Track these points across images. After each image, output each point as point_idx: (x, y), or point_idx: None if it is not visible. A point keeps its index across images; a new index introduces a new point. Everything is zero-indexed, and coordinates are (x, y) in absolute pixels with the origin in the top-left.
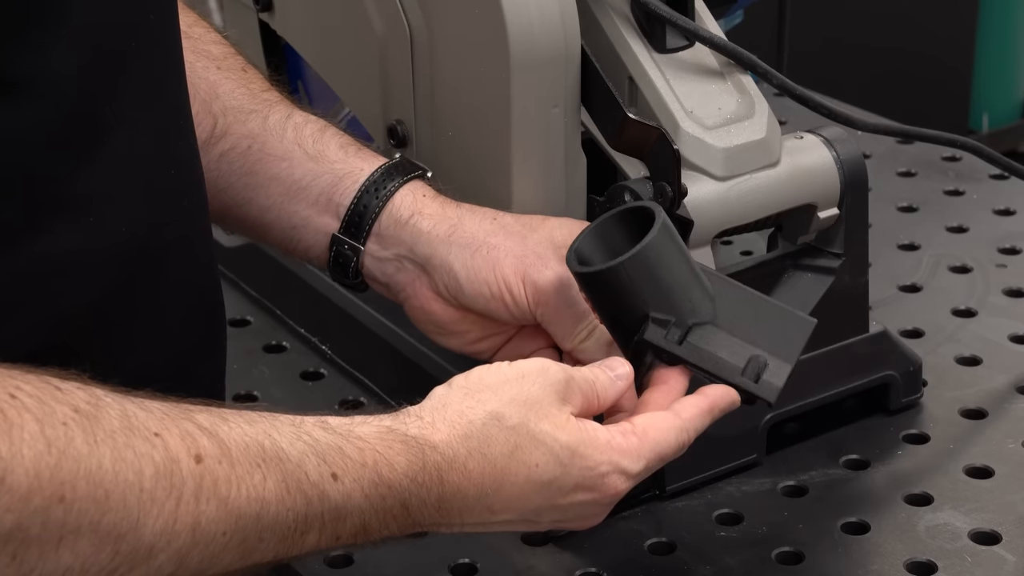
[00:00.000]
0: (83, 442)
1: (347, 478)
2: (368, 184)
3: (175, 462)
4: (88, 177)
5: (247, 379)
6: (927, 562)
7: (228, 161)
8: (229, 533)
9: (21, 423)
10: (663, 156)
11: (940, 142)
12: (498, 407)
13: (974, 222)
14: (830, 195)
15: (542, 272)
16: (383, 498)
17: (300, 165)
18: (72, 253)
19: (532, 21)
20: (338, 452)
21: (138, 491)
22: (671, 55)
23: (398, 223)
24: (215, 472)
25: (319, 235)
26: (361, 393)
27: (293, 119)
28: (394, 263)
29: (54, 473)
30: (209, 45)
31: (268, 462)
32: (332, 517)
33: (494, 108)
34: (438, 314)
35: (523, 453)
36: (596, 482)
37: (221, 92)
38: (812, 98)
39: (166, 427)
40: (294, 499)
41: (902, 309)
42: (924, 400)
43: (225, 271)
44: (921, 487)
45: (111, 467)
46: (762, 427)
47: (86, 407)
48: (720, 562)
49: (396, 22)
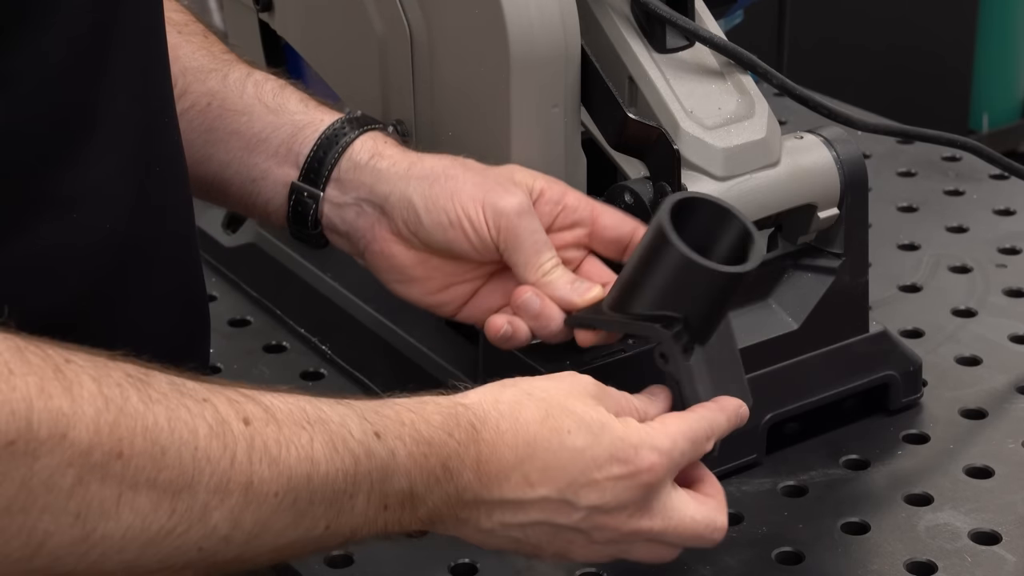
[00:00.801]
0: (139, 400)
1: (389, 435)
2: (328, 132)
3: (226, 423)
4: (72, 173)
5: (247, 379)
6: (927, 562)
7: (188, 120)
8: (281, 493)
9: (80, 382)
10: (663, 156)
11: (940, 142)
12: (529, 387)
13: (974, 222)
14: (830, 195)
15: (502, 196)
16: (425, 456)
17: (260, 118)
18: (55, 250)
19: (532, 21)
20: (376, 412)
21: (193, 448)
22: (671, 55)
23: (357, 166)
24: (264, 433)
25: (278, 186)
26: (361, 393)
27: (254, 76)
28: (354, 208)
29: (113, 429)
30: (171, 12)
31: (313, 424)
32: (380, 476)
33: (494, 108)
34: (398, 257)
35: (554, 420)
36: (629, 454)
37: (181, 54)
38: (812, 98)
39: (213, 393)
40: (342, 458)
41: (902, 309)
42: (924, 400)
43: (225, 271)
44: (921, 487)
45: (167, 424)
46: (762, 427)
47: (137, 372)
48: (720, 562)
49: (396, 22)
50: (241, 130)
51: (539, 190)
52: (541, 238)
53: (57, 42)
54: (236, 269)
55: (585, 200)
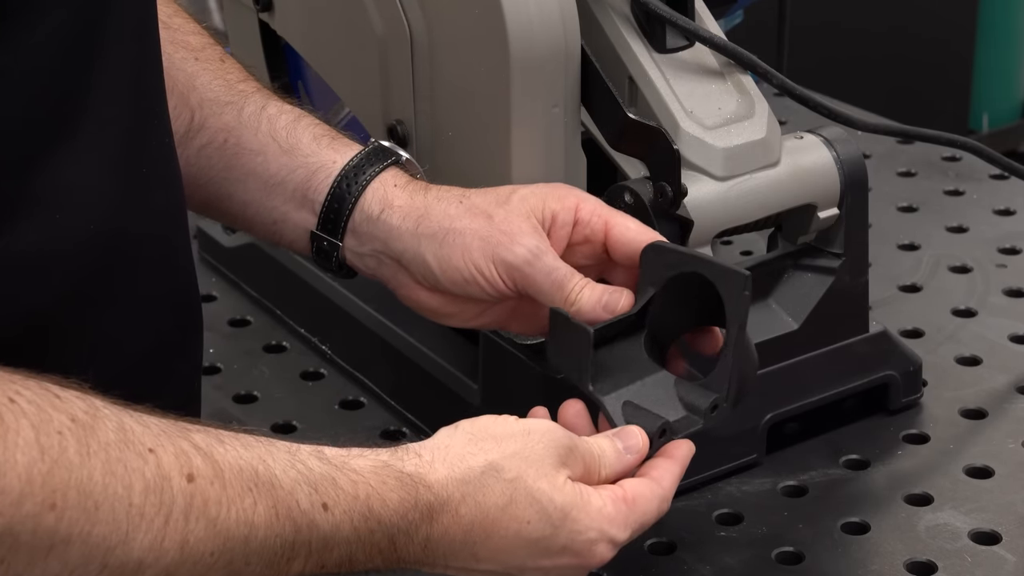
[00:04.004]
0: (76, 452)
1: (338, 509)
2: (340, 179)
3: (166, 479)
4: (54, 173)
5: (247, 379)
6: (927, 562)
7: (207, 156)
8: (217, 554)
9: (17, 428)
10: (663, 156)
11: (940, 142)
12: (499, 458)
13: (974, 222)
14: (830, 195)
15: (510, 249)
16: (371, 532)
17: (275, 159)
18: (37, 250)
19: (532, 21)
20: (331, 483)
21: (127, 505)
22: (671, 55)
23: (370, 219)
24: (206, 492)
25: (299, 230)
26: (361, 393)
27: (267, 111)
28: (373, 258)
29: (46, 480)
30: (188, 36)
31: (260, 487)
32: (319, 546)
33: (494, 108)
34: (427, 302)
35: (517, 508)
36: (583, 548)
37: (198, 84)
38: (812, 98)
39: (161, 444)
40: (283, 526)
41: (902, 309)
42: (924, 400)
43: (225, 271)
44: (921, 487)
45: (101, 479)
46: (762, 427)
47: (83, 417)
48: (720, 562)
49: (396, 22)
50: (257, 171)
51: (550, 217)
52: (559, 274)
53: (43, 40)
54: (236, 269)
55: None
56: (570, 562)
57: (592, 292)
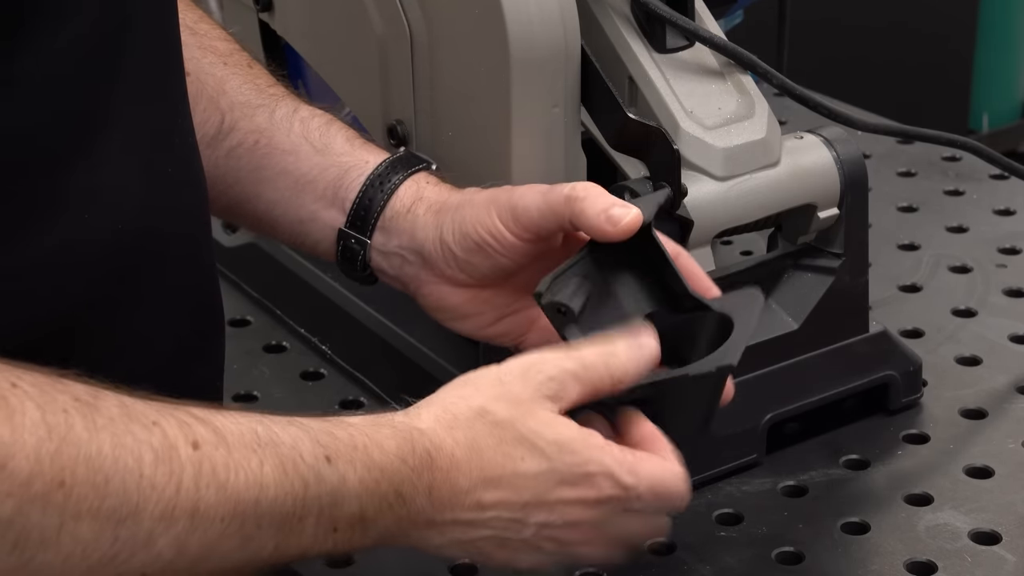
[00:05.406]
0: (83, 428)
1: (340, 460)
2: (373, 177)
3: (173, 448)
4: (83, 175)
5: (247, 379)
6: (927, 562)
7: (236, 156)
8: (228, 519)
9: (23, 410)
10: (663, 156)
11: (940, 142)
12: (483, 403)
13: (974, 222)
14: (830, 195)
15: (510, 195)
16: (377, 482)
17: (307, 159)
18: (66, 249)
19: (532, 20)
20: (329, 435)
21: (137, 477)
22: (671, 55)
23: (400, 214)
24: (213, 458)
25: (326, 229)
26: (361, 393)
27: (300, 113)
28: (399, 256)
29: (54, 459)
30: (215, 41)
31: (264, 446)
32: (329, 501)
33: (494, 108)
34: (448, 298)
35: (508, 447)
36: (580, 479)
37: (228, 88)
38: (812, 98)
39: (162, 416)
40: (291, 482)
41: (902, 309)
42: (924, 400)
43: (225, 271)
44: (921, 487)
45: (111, 452)
46: (762, 427)
47: (86, 396)
48: (720, 562)
49: (396, 22)
50: (289, 170)
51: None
52: (561, 188)
53: (65, 46)
54: (236, 269)
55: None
56: (569, 495)
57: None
